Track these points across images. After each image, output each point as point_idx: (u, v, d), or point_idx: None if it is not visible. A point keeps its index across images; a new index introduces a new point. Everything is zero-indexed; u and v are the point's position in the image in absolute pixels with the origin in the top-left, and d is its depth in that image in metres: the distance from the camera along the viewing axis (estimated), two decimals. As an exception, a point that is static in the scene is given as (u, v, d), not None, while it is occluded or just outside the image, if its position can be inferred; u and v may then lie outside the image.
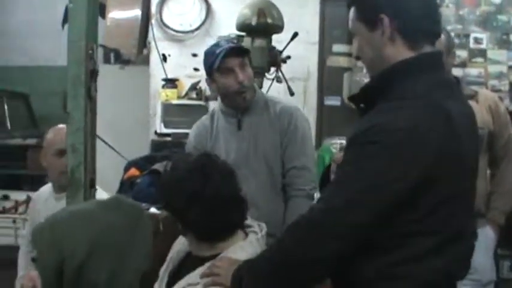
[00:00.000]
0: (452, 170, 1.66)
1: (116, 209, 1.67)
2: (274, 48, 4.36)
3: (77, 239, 1.56)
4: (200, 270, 1.91)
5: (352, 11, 1.82)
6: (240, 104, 2.79)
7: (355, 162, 1.66)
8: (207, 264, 1.91)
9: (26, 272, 2.99)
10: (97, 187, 2.37)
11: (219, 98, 2.92)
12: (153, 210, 2.78)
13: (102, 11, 5.77)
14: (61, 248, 1.54)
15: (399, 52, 1.74)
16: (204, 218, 1.92)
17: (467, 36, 5.18)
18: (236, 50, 2.74)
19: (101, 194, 2.55)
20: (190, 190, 1.91)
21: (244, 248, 1.96)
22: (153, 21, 5.40)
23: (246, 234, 2.02)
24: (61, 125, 2.98)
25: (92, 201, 2.08)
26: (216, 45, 2.79)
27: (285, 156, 2.80)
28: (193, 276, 1.91)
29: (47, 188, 3.09)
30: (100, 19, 4.60)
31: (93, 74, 2.33)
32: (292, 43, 4.33)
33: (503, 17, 5.26)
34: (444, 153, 1.63)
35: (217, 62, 2.69)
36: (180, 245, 2.11)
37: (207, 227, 1.94)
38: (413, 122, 1.62)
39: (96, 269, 1.55)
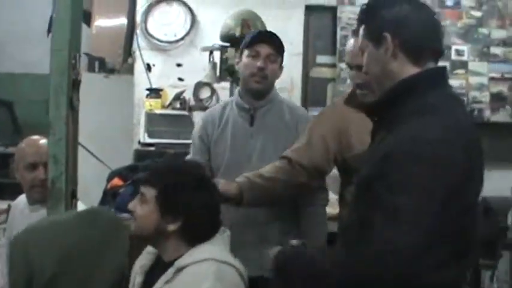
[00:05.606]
0: (473, 180, 1.74)
1: (92, 221, 1.67)
2: (258, 59, 4.38)
3: (47, 253, 1.55)
4: (171, 270, 1.95)
5: (361, 29, 1.92)
6: (252, 87, 2.80)
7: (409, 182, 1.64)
8: (176, 264, 1.96)
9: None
10: (79, 198, 2.36)
11: (235, 90, 3.01)
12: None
13: (87, 19, 5.76)
14: (31, 262, 1.54)
15: (403, 68, 1.82)
16: (209, 223, 2.06)
17: (449, 48, 5.23)
18: (264, 35, 2.84)
19: (81, 207, 2.46)
20: (204, 200, 2.04)
21: (213, 243, 2.05)
22: (138, 30, 5.41)
23: None
24: (35, 136, 2.90)
25: (70, 212, 2.07)
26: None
27: None
28: (166, 276, 1.96)
29: (24, 198, 2.95)
30: (85, 27, 4.60)
31: (75, 84, 2.33)
32: (276, 54, 4.34)
33: (483, 30, 5.37)
34: (469, 160, 1.70)
35: (246, 42, 2.81)
36: (143, 260, 2.12)
37: (206, 229, 2.06)
38: (443, 133, 1.68)
39: (67, 283, 1.55)
